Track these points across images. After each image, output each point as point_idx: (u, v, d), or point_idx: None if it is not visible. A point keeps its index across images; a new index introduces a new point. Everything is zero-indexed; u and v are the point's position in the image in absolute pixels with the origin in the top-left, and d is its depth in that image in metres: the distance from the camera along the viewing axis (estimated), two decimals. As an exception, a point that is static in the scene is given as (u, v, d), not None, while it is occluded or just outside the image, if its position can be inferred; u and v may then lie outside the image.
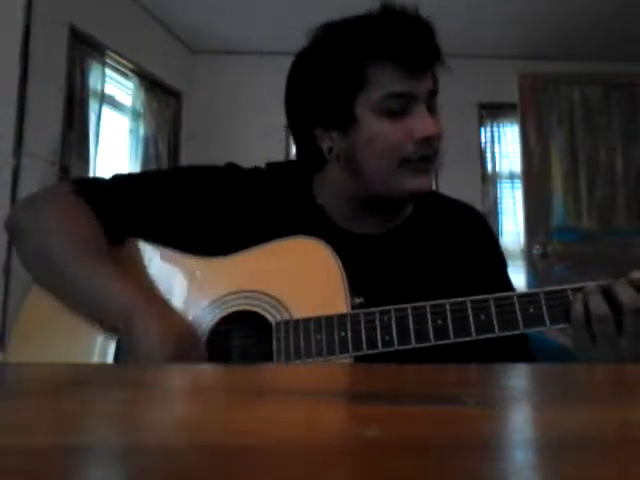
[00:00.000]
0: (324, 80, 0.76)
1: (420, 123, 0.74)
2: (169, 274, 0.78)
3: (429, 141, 0.75)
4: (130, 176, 0.87)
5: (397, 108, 0.74)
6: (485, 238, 0.88)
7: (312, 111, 0.79)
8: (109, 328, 0.73)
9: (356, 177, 0.78)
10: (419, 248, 0.82)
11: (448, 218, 0.86)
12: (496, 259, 0.87)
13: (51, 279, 0.76)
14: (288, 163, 0.87)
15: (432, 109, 0.77)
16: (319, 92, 0.77)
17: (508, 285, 0.85)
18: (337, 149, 0.78)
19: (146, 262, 0.79)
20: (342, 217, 0.82)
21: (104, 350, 0.74)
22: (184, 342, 0.68)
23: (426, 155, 0.76)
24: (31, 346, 0.77)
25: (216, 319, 0.73)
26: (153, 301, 0.72)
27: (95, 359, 0.74)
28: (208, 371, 0.52)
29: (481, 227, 0.88)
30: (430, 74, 0.76)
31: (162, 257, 0.79)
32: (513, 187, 3.44)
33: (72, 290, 0.74)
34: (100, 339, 0.75)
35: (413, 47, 0.73)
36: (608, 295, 0.65)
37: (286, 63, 0.83)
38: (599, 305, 0.65)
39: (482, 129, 3.52)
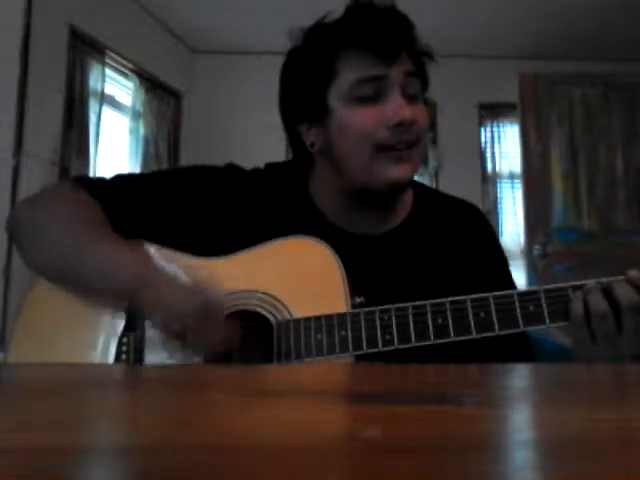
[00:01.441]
0: (299, 76, 0.78)
1: (392, 107, 0.72)
2: None
3: (405, 127, 0.72)
4: (130, 176, 0.86)
5: (368, 94, 0.73)
6: (485, 235, 0.87)
7: (293, 108, 0.81)
8: (125, 294, 0.70)
9: (337, 170, 0.78)
10: (419, 247, 0.82)
11: (447, 216, 0.85)
12: (497, 255, 0.87)
13: (64, 265, 0.74)
14: (286, 163, 0.87)
15: (411, 95, 0.75)
16: (296, 88, 0.79)
17: (509, 281, 0.85)
18: (318, 144, 0.79)
19: None
20: (339, 216, 0.82)
21: (105, 350, 0.74)
22: (201, 286, 0.66)
23: (403, 140, 0.73)
24: (32, 346, 0.77)
25: None
26: (167, 271, 0.70)
27: (96, 359, 0.74)
28: (208, 371, 0.52)
29: (481, 224, 0.88)
30: (405, 58, 0.75)
31: (161, 257, 0.79)
32: (513, 187, 3.44)
33: (87, 269, 0.71)
34: (101, 339, 0.75)
35: (379, 32, 0.73)
36: (607, 293, 0.66)
37: (286, 63, 0.83)
38: (598, 303, 0.65)
39: (482, 129, 3.52)
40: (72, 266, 0.73)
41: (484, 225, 0.88)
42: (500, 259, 0.87)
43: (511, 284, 0.84)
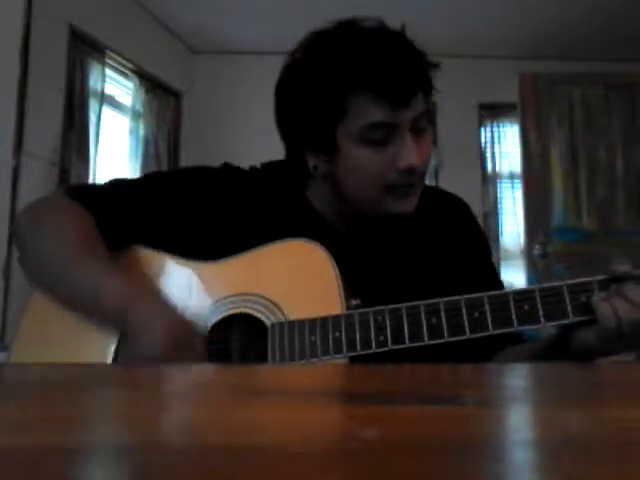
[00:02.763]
0: (306, 107, 0.75)
1: (403, 153, 0.72)
2: (165, 278, 0.78)
3: (413, 170, 0.73)
4: (127, 181, 0.86)
5: (379, 138, 0.72)
6: (470, 225, 0.89)
7: (297, 132, 0.78)
8: (106, 326, 0.71)
9: (341, 197, 0.79)
10: (409, 242, 0.83)
11: (434, 207, 0.86)
12: (481, 246, 0.89)
13: (50, 283, 0.75)
14: (283, 162, 0.87)
15: (419, 130, 0.74)
16: (302, 117, 0.76)
17: (492, 271, 0.87)
18: (321, 170, 0.78)
19: (143, 267, 0.79)
20: (333, 218, 0.83)
21: (105, 351, 0.74)
22: (184, 338, 0.67)
23: (410, 182, 0.74)
24: (33, 351, 0.77)
25: (212, 322, 0.73)
26: (151, 298, 0.70)
27: (97, 360, 0.74)
28: (207, 371, 0.52)
29: (465, 214, 0.90)
30: (416, 100, 0.73)
31: (158, 261, 0.79)
32: (513, 187, 3.44)
33: (70, 292, 0.72)
34: (101, 340, 0.75)
35: (393, 79, 0.71)
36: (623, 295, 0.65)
37: (286, 63, 0.82)
38: (631, 312, 0.64)
39: (482, 129, 3.51)
40: (58, 285, 0.74)
41: (468, 215, 0.90)
42: (484, 248, 0.89)
43: (494, 273, 0.87)
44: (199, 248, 0.78)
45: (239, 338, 0.76)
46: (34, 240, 0.76)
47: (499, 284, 0.84)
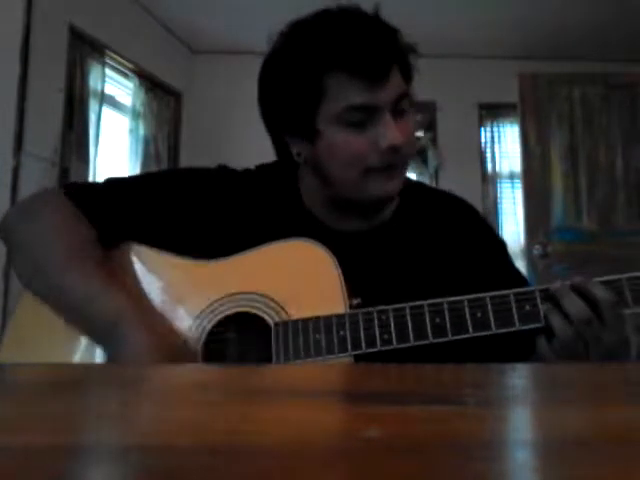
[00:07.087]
0: (285, 91, 0.75)
1: (384, 133, 0.71)
2: (164, 277, 0.77)
3: (395, 149, 0.72)
4: (122, 180, 0.86)
5: (359, 119, 0.71)
6: (478, 227, 0.86)
7: (278, 118, 0.79)
8: (95, 339, 0.71)
9: (325, 183, 0.78)
10: (410, 242, 0.81)
11: (436, 210, 0.85)
12: (494, 247, 0.85)
13: (42, 288, 0.75)
14: (277, 164, 0.87)
15: (400, 111, 0.73)
16: (281, 102, 0.77)
17: (512, 270, 0.84)
18: (304, 155, 0.78)
19: (140, 266, 0.78)
20: (328, 217, 0.82)
21: (92, 353, 0.74)
22: (176, 359, 0.67)
23: (393, 164, 0.73)
24: (20, 351, 0.77)
25: (214, 321, 0.73)
26: (143, 312, 0.70)
27: (83, 361, 0.74)
28: (208, 371, 0.52)
29: (472, 216, 0.87)
30: (395, 75, 0.72)
31: (157, 260, 0.78)
32: (513, 187, 3.44)
33: (62, 299, 0.72)
34: (88, 342, 0.74)
35: (369, 58, 0.70)
36: (581, 294, 0.67)
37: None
38: (580, 310, 0.66)
39: (482, 129, 3.52)
40: (50, 291, 0.74)
41: (475, 217, 0.87)
42: (498, 249, 0.86)
43: (513, 272, 0.84)
44: (193, 248, 0.78)
45: (241, 337, 0.75)
46: (26, 244, 0.76)
47: (522, 280, 0.82)
